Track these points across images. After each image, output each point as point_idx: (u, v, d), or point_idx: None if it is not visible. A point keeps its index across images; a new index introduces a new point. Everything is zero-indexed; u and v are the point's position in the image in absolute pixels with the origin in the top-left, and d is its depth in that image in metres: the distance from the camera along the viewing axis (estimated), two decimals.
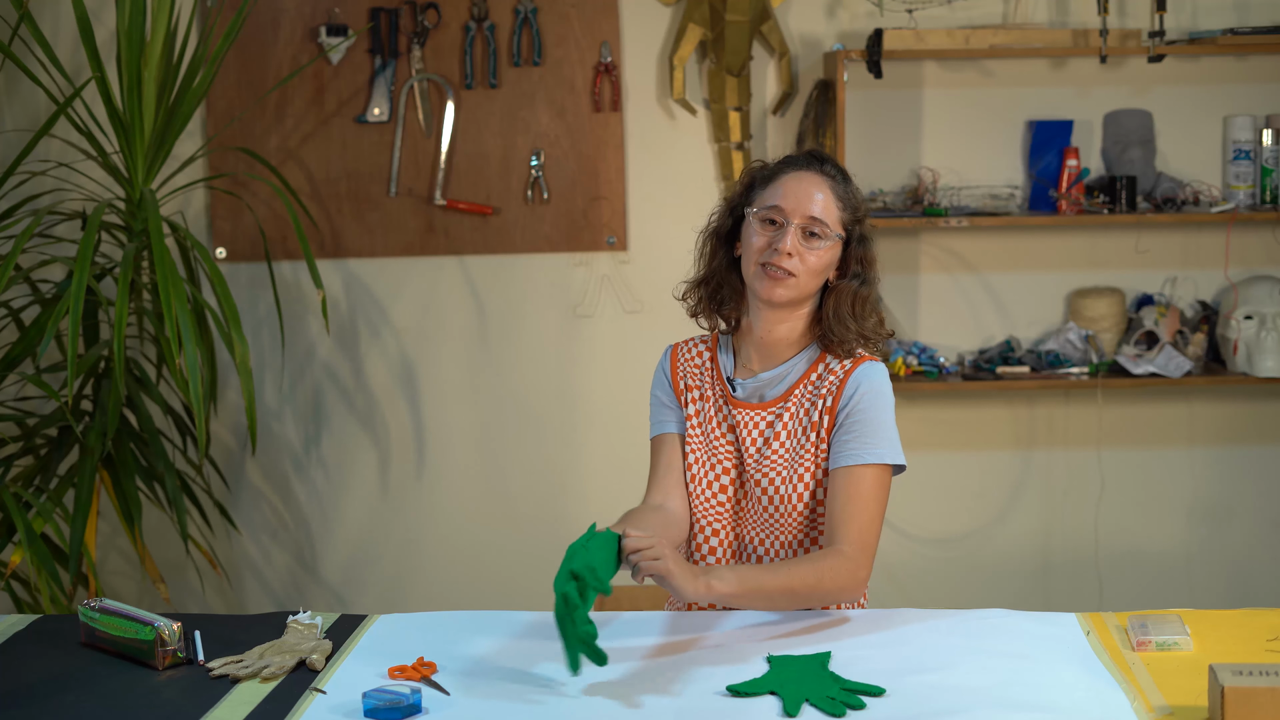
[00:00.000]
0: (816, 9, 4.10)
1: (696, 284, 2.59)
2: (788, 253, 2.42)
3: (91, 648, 2.32)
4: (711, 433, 2.55)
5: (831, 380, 2.49)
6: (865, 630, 2.31)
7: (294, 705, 2.07)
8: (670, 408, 2.61)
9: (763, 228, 2.47)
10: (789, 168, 2.51)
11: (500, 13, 4.08)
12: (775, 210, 2.46)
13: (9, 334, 3.97)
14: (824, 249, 2.46)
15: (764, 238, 2.46)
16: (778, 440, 2.49)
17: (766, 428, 2.51)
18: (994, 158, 4.15)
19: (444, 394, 4.24)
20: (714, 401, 2.56)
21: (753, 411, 2.52)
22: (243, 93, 4.08)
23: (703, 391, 2.58)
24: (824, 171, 2.51)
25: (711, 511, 2.54)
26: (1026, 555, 4.28)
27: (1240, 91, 4.12)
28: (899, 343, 4.14)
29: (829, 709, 2.00)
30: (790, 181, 2.48)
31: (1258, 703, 1.86)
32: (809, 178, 2.49)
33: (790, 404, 2.50)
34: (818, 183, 2.48)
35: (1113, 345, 4.13)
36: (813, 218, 2.45)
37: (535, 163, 4.12)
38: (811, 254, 2.44)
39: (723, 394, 2.56)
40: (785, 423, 2.50)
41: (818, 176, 2.49)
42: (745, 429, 2.52)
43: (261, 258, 4.07)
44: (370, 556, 4.30)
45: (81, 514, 3.55)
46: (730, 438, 2.54)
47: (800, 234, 2.44)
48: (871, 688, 2.06)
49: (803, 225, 2.44)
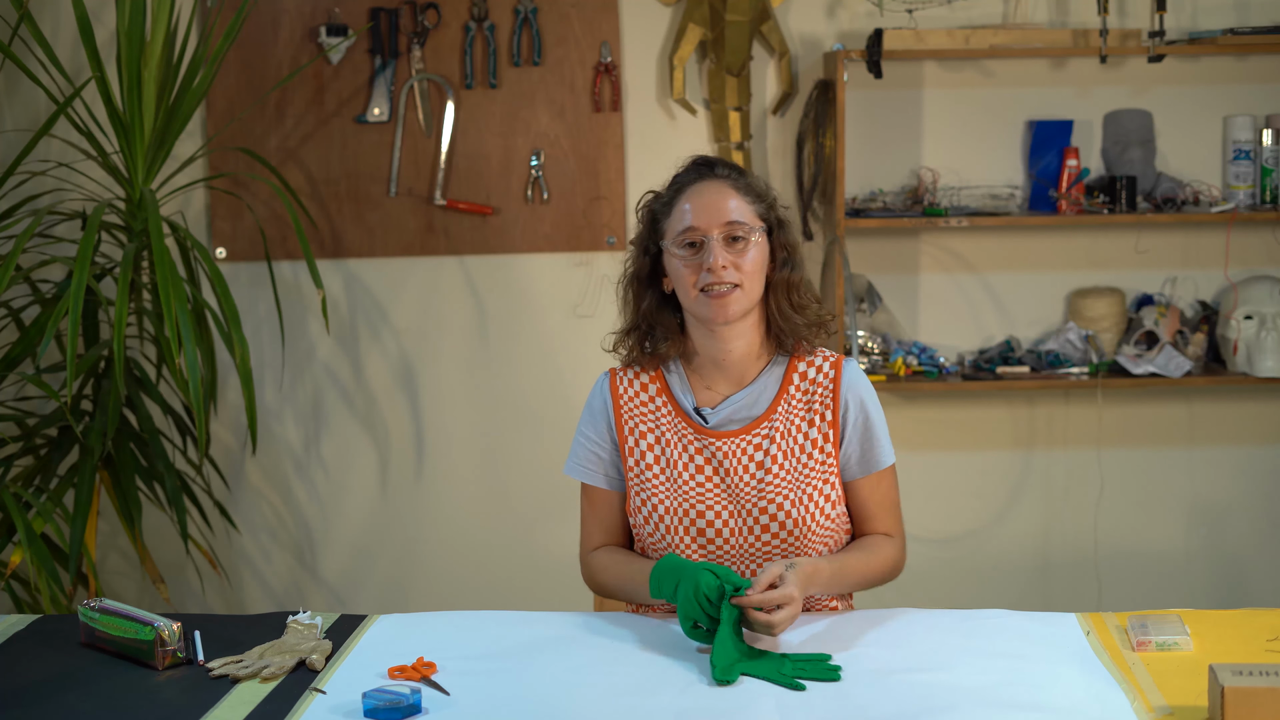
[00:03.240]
0: (816, 9, 4.10)
1: (626, 333, 2.49)
2: (722, 266, 2.34)
3: (91, 648, 2.32)
4: (679, 476, 2.42)
5: (821, 392, 2.43)
6: (865, 630, 2.31)
7: (294, 705, 2.07)
8: (602, 459, 2.49)
9: (686, 255, 2.37)
10: (684, 186, 2.42)
11: (500, 13, 4.08)
12: (690, 232, 2.37)
13: (9, 334, 3.97)
14: (753, 248, 2.38)
15: (692, 264, 2.37)
16: (775, 464, 2.40)
17: (757, 452, 2.41)
18: (994, 158, 4.15)
19: (444, 394, 4.24)
20: (677, 441, 2.43)
21: (737, 439, 2.41)
22: (243, 93, 4.08)
23: (659, 433, 2.44)
24: (718, 175, 2.42)
25: (711, 560, 2.40)
26: (1026, 555, 4.28)
27: (1240, 91, 4.12)
28: (899, 343, 4.15)
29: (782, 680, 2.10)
30: (692, 198, 2.39)
31: (1258, 703, 1.86)
32: (708, 187, 2.40)
33: (778, 421, 2.42)
34: (718, 188, 2.40)
35: (1113, 345, 4.13)
36: (730, 223, 2.37)
37: (535, 163, 4.12)
38: (744, 258, 2.36)
39: (688, 429, 2.44)
40: (779, 443, 2.41)
41: (715, 183, 2.41)
42: (733, 458, 2.41)
43: (261, 258, 4.07)
44: (370, 556, 4.30)
45: (81, 514, 3.55)
46: (709, 472, 2.41)
47: (725, 243, 2.36)
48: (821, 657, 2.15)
49: (724, 234, 2.36)
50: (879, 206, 4.08)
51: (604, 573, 2.49)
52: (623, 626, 2.35)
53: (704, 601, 2.17)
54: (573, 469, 2.54)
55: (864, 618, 2.38)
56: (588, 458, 2.52)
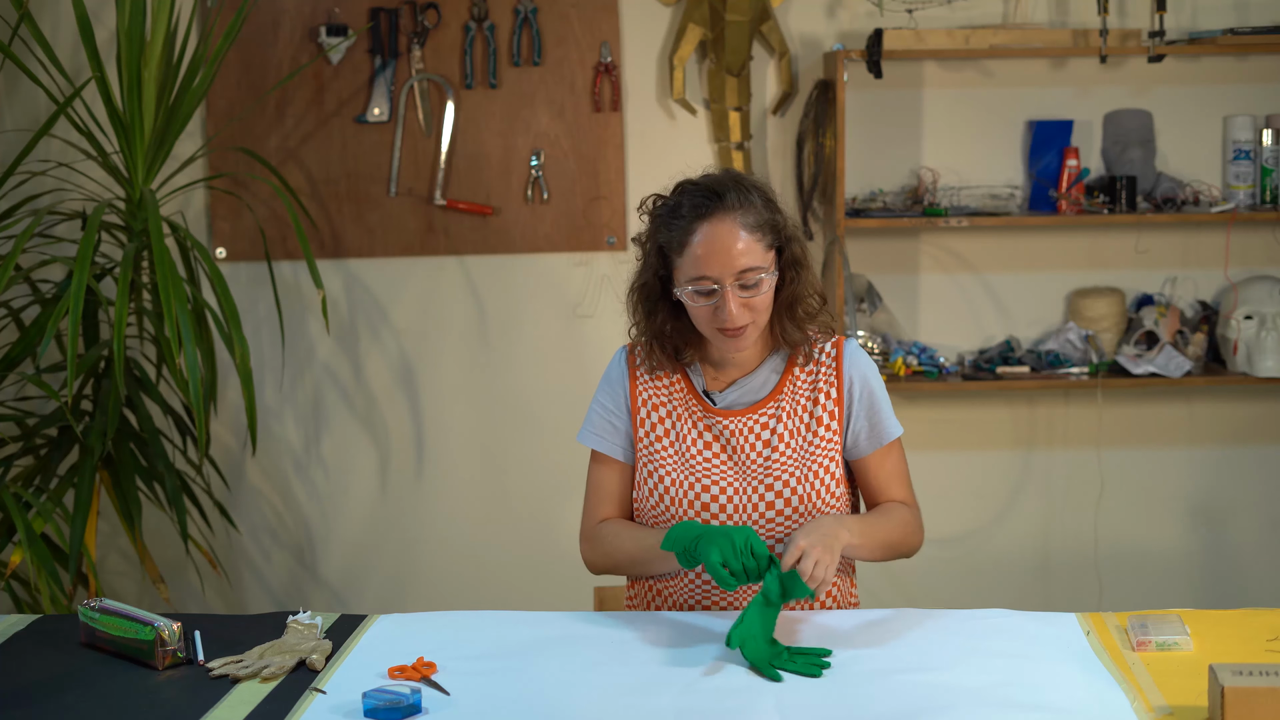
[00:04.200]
0: (816, 9, 4.10)
1: (646, 341, 2.51)
2: (735, 313, 2.36)
3: (91, 648, 2.32)
4: (688, 450, 2.48)
5: (825, 371, 2.49)
6: (865, 630, 2.31)
7: (294, 705, 2.07)
8: (617, 429, 2.53)
9: (701, 299, 2.38)
10: (694, 225, 2.38)
11: (500, 13, 4.08)
12: (702, 281, 2.37)
13: (9, 334, 3.97)
14: (765, 285, 2.39)
15: (706, 309, 2.38)
16: (782, 442, 2.46)
17: (764, 430, 2.47)
18: (994, 158, 4.15)
19: (444, 394, 4.24)
20: (689, 418, 2.49)
21: (745, 417, 2.47)
22: (243, 93, 4.08)
23: (671, 408, 2.50)
24: (727, 207, 2.37)
25: None
26: (1026, 555, 4.28)
27: (1240, 91, 4.12)
28: (899, 343, 4.15)
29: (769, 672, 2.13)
30: (703, 242, 2.36)
31: (1258, 703, 1.86)
32: (718, 228, 2.36)
33: (784, 401, 2.48)
34: (728, 229, 2.36)
35: (1113, 345, 4.13)
36: (742, 271, 2.36)
37: (535, 163, 4.12)
38: (756, 297, 2.38)
39: (699, 408, 2.49)
40: (785, 422, 2.47)
41: (726, 222, 2.36)
42: (740, 436, 2.46)
43: (261, 258, 4.07)
44: (370, 556, 4.30)
45: (81, 514, 3.55)
46: (716, 449, 2.47)
47: (738, 290, 2.37)
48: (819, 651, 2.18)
49: (737, 282, 2.36)
50: (879, 206, 4.08)
51: (613, 539, 2.50)
52: (623, 626, 2.35)
53: (745, 549, 2.21)
54: (586, 436, 2.56)
55: (864, 618, 2.38)
56: (602, 426, 2.55)
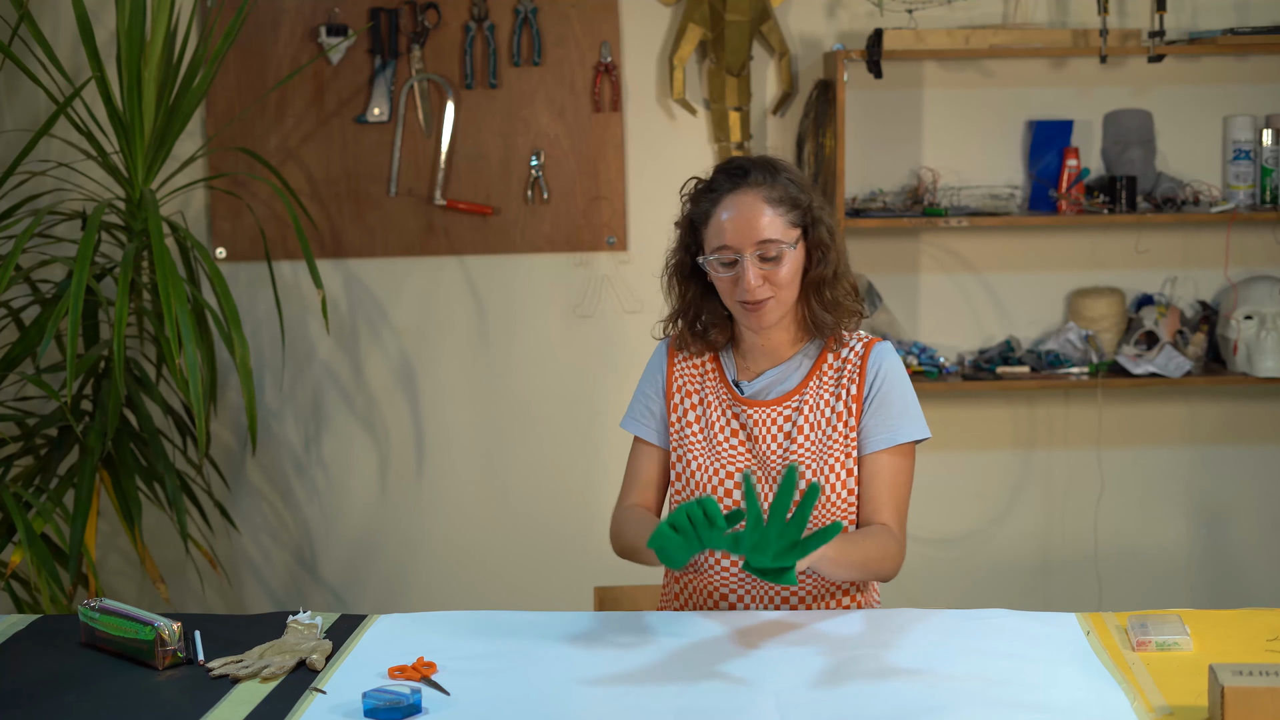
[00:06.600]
0: (816, 9, 4.10)
1: (674, 318, 2.58)
2: (755, 285, 2.41)
3: (91, 648, 2.32)
4: (715, 436, 2.53)
5: (850, 369, 2.51)
6: (866, 630, 2.31)
7: (294, 705, 2.07)
8: (654, 414, 2.60)
9: (723, 269, 2.44)
10: (720, 197, 2.45)
11: (500, 13, 4.08)
12: (724, 250, 2.43)
13: (9, 334, 3.97)
14: (786, 261, 2.43)
15: (728, 279, 2.44)
16: (801, 434, 2.49)
17: (785, 422, 2.50)
18: (994, 158, 4.15)
19: (444, 394, 4.24)
20: (718, 405, 2.55)
21: (769, 409, 2.51)
22: (243, 93, 4.08)
23: (703, 395, 2.56)
24: (751, 183, 2.44)
25: None
26: (1026, 555, 4.28)
27: (1240, 91, 4.12)
28: (899, 343, 4.14)
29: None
30: (727, 212, 2.43)
31: (1258, 703, 1.86)
32: (742, 201, 2.43)
33: (808, 395, 2.50)
34: (751, 202, 2.42)
35: (1113, 345, 4.13)
36: (762, 241, 2.41)
37: (535, 163, 4.12)
38: (777, 272, 2.42)
39: (728, 395, 2.54)
40: (807, 415, 2.49)
41: (748, 195, 2.43)
42: (762, 426, 2.50)
43: (261, 258, 4.07)
44: (370, 556, 4.30)
45: (81, 514, 3.55)
46: (742, 437, 2.52)
47: (757, 261, 2.41)
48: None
49: (756, 253, 2.41)
50: (879, 206, 4.08)
51: (624, 525, 2.55)
52: (623, 626, 2.35)
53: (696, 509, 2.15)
54: (627, 421, 2.64)
55: (865, 618, 2.38)
56: (642, 413, 2.62)
